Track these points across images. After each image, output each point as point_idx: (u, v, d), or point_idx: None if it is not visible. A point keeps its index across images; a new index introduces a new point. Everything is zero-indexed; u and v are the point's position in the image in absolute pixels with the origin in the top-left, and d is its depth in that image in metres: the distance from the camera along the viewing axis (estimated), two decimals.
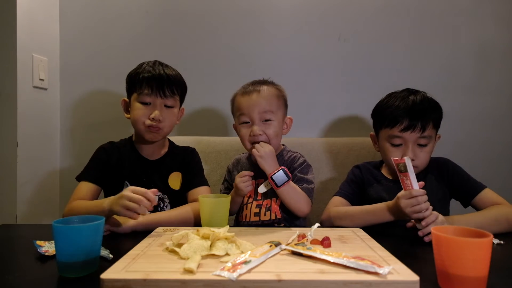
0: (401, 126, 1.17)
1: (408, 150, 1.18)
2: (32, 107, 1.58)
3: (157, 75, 1.24)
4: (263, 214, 1.25)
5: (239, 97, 1.30)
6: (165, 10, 1.77)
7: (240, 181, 1.20)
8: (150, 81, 1.23)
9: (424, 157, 1.20)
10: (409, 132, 1.17)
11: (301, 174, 1.28)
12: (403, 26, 1.77)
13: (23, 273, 0.77)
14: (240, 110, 1.29)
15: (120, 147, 1.32)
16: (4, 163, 1.51)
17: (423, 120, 1.16)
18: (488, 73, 1.78)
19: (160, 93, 1.24)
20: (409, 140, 1.18)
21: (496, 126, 1.79)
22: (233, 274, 0.65)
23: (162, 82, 1.24)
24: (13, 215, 1.51)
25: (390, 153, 1.22)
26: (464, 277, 0.65)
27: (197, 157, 1.38)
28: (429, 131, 1.19)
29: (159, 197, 1.27)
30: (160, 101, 1.25)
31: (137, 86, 1.25)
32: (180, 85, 1.30)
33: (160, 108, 1.24)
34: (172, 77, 1.26)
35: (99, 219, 0.79)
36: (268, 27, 1.77)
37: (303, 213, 1.23)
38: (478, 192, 1.17)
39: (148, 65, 1.27)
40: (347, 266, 0.69)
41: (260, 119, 1.26)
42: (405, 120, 1.17)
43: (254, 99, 1.26)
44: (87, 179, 1.23)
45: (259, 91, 1.27)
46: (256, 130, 1.24)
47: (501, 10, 1.77)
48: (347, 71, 1.78)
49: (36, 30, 1.61)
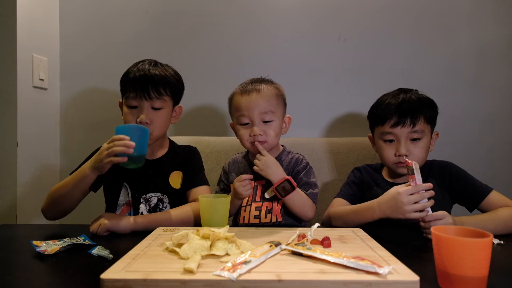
0: (391, 122, 1.20)
1: (401, 145, 1.19)
2: (32, 107, 1.58)
3: (140, 77, 1.19)
4: (264, 217, 1.24)
5: (238, 97, 1.27)
6: (165, 10, 1.77)
7: (239, 185, 1.16)
8: (134, 84, 1.19)
9: (419, 152, 1.20)
10: (399, 128, 1.19)
11: (306, 178, 1.27)
12: (403, 26, 1.77)
13: (23, 273, 0.77)
14: (239, 111, 1.25)
15: None
16: (4, 163, 1.51)
17: (413, 115, 1.18)
18: (488, 73, 1.78)
19: (145, 96, 1.19)
20: (401, 136, 1.19)
21: (496, 126, 1.78)
22: (233, 274, 0.65)
23: (147, 84, 1.19)
24: (13, 215, 1.51)
25: (384, 151, 1.23)
26: (464, 277, 0.65)
27: (198, 156, 1.36)
28: (421, 126, 1.19)
29: (158, 197, 1.26)
30: (146, 103, 1.20)
31: (124, 89, 1.23)
32: (169, 85, 1.24)
33: (147, 111, 1.20)
34: (157, 77, 1.20)
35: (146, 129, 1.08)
36: (268, 27, 1.77)
37: (307, 218, 1.23)
38: (486, 195, 1.15)
39: (137, 66, 1.24)
40: (347, 266, 0.69)
41: (260, 119, 1.24)
42: (394, 116, 1.19)
43: (254, 99, 1.23)
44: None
45: (258, 91, 1.25)
46: (257, 131, 1.22)
47: (501, 10, 1.77)
48: (347, 71, 1.78)
49: (36, 30, 1.61)
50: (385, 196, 1.05)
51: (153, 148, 1.31)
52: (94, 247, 0.88)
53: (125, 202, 1.26)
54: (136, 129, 1.07)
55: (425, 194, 0.98)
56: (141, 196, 1.25)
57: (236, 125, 1.29)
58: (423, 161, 1.22)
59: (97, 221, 1.06)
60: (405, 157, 1.17)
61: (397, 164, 1.21)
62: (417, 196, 0.98)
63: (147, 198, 1.25)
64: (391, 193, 1.02)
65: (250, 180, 1.18)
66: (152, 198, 1.26)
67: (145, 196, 1.25)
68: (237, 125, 1.28)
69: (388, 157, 1.23)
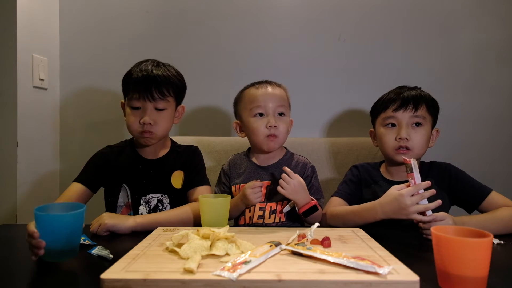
0: (393, 106, 1.23)
1: (402, 129, 1.20)
2: (32, 107, 1.58)
3: (143, 78, 1.18)
4: (267, 217, 1.22)
5: (253, 90, 1.27)
6: (165, 10, 1.77)
7: (251, 192, 1.12)
8: (137, 85, 1.19)
9: (419, 139, 1.20)
10: (401, 111, 1.21)
11: (317, 184, 1.27)
12: (403, 26, 1.77)
13: (23, 273, 0.77)
14: (254, 102, 1.24)
15: (119, 150, 1.30)
16: (4, 163, 1.51)
17: (415, 101, 1.21)
18: (487, 73, 1.78)
19: (148, 97, 1.18)
20: (403, 120, 1.21)
21: (495, 126, 1.78)
22: (233, 274, 0.65)
23: (150, 85, 1.18)
24: (13, 215, 1.51)
25: (385, 136, 1.24)
26: (464, 277, 0.65)
27: (199, 156, 1.36)
28: (422, 112, 1.21)
29: (158, 199, 1.26)
30: (150, 104, 1.20)
31: (127, 90, 1.23)
32: (172, 85, 1.23)
33: (150, 112, 1.20)
34: (160, 78, 1.19)
35: (81, 207, 0.81)
36: (268, 27, 1.77)
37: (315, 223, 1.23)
38: (485, 196, 1.15)
39: (139, 66, 1.23)
40: (347, 266, 0.69)
41: (275, 111, 1.24)
42: (397, 101, 1.22)
43: (270, 92, 1.25)
44: (79, 180, 1.22)
45: (273, 86, 1.28)
46: (273, 121, 1.21)
47: (500, 10, 1.77)
48: (347, 71, 1.78)
49: (36, 30, 1.61)
50: (386, 198, 1.04)
51: (155, 147, 1.31)
52: (94, 247, 0.88)
53: (125, 203, 1.26)
54: (62, 218, 0.78)
55: (425, 194, 0.98)
56: (141, 198, 1.25)
57: (249, 118, 1.25)
58: (421, 149, 1.21)
59: (97, 221, 1.06)
60: (405, 141, 1.19)
61: (397, 150, 1.21)
62: (419, 196, 0.98)
63: (147, 200, 1.26)
64: (393, 194, 1.02)
65: (261, 186, 1.15)
66: (151, 200, 1.26)
67: (144, 198, 1.26)
68: (250, 118, 1.24)
69: (388, 142, 1.23)
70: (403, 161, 1.02)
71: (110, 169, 1.26)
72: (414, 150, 1.20)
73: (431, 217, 0.98)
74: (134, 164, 1.28)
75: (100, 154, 1.29)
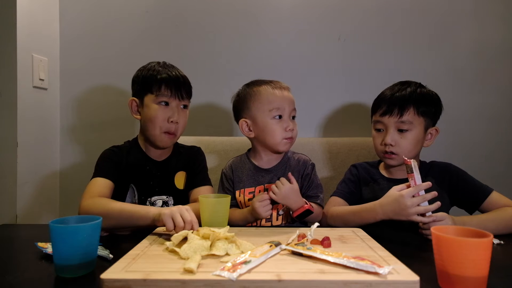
0: (380, 111, 1.23)
1: (387, 134, 1.21)
2: (32, 107, 1.58)
3: (174, 77, 1.24)
4: (275, 219, 1.22)
5: (270, 90, 1.24)
6: (165, 10, 1.77)
7: (260, 206, 1.10)
8: (169, 83, 1.23)
9: (405, 144, 1.20)
10: (387, 117, 1.21)
11: (316, 180, 1.27)
12: (403, 26, 1.77)
13: (23, 273, 0.77)
14: (275, 104, 1.22)
15: (127, 150, 1.29)
16: (4, 163, 1.51)
17: (401, 106, 1.19)
18: (487, 73, 1.78)
19: (178, 95, 1.24)
20: (389, 125, 1.22)
21: (496, 126, 1.78)
22: (233, 274, 0.65)
23: (179, 84, 1.24)
24: (13, 215, 1.51)
25: (374, 139, 1.27)
26: (464, 277, 0.65)
27: (202, 156, 1.36)
28: (409, 117, 1.19)
29: (163, 200, 1.26)
30: (177, 102, 1.25)
31: (153, 88, 1.23)
32: (190, 87, 1.30)
33: (178, 111, 1.25)
34: (184, 79, 1.27)
35: (97, 219, 0.78)
36: (269, 27, 1.77)
37: (315, 221, 1.23)
38: (486, 197, 1.15)
39: (160, 66, 1.26)
40: (347, 266, 0.69)
41: (290, 115, 1.25)
42: (384, 105, 1.22)
43: (287, 95, 1.25)
44: (101, 175, 1.18)
45: (287, 90, 1.27)
46: (291, 125, 1.23)
47: (500, 10, 1.77)
48: (347, 71, 1.78)
49: (36, 30, 1.61)
50: (387, 198, 1.04)
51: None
52: None
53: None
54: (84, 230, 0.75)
55: (427, 196, 0.98)
56: (147, 199, 1.25)
57: (268, 120, 1.23)
58: (409, 153, 1.19)
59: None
60: (390, 147, 1.20)
61: (384, 154, 1.23)
62: (419, 198, 0.98)
63: (152, 202, 1.25)
64: (394, 195, 1.02)
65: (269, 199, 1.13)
66: (157, 202, 1.26)
67: (150, 199, 1.26)
68: (269, 119, 1.23)
69: (377, 146, 1.26)
70: (403, 161, 1.02)
71: (122, 167, 1.25)
72: (400, 155, 1.19)
73: (431, 218, 0.98)
74: (142, 164, 1.28)
75: (112, 152, 1.27)
